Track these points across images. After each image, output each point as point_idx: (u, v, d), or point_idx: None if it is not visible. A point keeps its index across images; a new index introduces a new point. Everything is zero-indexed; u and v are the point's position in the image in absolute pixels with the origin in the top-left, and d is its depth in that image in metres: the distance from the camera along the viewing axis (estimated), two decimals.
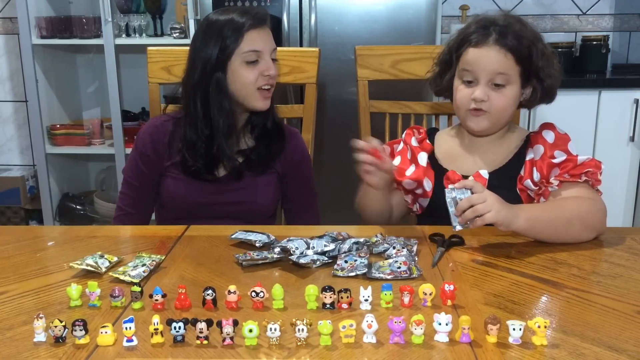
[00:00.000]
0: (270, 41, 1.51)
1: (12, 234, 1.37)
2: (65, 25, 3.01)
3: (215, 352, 0.85)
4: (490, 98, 1.34)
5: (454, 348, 0.85)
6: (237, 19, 1.46)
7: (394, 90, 1.88)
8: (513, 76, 1.35)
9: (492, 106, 1.35)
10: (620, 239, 1.27)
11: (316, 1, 2.61)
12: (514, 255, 1.18)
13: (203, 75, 1.48)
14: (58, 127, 3.14)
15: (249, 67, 1.47)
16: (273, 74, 1.50)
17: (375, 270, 1.09)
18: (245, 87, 1.48)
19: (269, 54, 1.50)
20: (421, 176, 1.42)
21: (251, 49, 1.46)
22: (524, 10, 3.25)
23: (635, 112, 2.76)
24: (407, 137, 1.50)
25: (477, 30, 1.36)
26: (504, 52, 1.33)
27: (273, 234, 1.26)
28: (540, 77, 1.36)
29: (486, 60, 1.33)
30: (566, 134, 1.38)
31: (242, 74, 1.47)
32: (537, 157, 1.35)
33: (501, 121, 1.39)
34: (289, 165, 1.59)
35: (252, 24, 1.46)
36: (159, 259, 1.15)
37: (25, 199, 3.34)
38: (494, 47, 1.33)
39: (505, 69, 1.33)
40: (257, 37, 1.47)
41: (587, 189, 1.31)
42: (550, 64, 1.37)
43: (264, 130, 1.57)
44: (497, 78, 1.34)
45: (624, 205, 2.85)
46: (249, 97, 1.49)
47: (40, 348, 0.86)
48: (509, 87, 1.35)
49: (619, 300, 0.99)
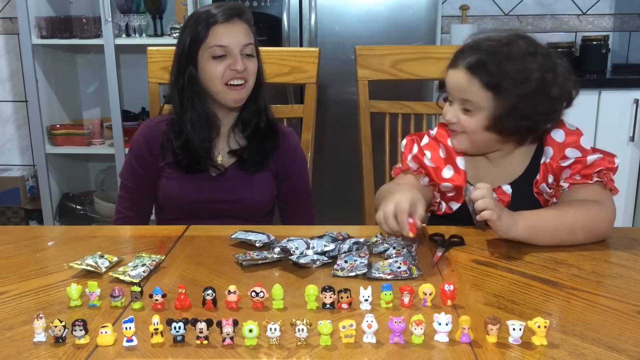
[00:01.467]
0: (240, 36, 1.48)
1: (12, 234, 1.37)
2: (65, 25, 3.01)
3: (215, 352, 0.85)
4: (460, 120, 1.29)
5: (454, 348, 0.85)
6: (209, 13, 1.47)
7: (394, 90, 1.88)
8: (481, 102, 1.24)
9: (464, 127, 1.29)
10: (620, 239, 1.26)
11: (316, 1, 2.61)
12: (514, 255, 1.18)
13: (179, 69, 1.50)
14: (58, 127, 3.14)
15: (215, 62, 1.47)
16: (240, 69, 1.47)
17: (375, 270, 1.09)
18: (213, 82, 1.48)
19: (238, 49, 1.47)
20: (463, 182, 1.34)
21: (216, 44, 1.46)
22: (524, 10, 3.25)
23: (635, 112, 2.77)
24: (441, 137, 1.38)
25: (458, 52, 1.30)
26: (470, 78, 1.24)
27: (273, 234, 1.26)
28: (516, 116, 1.23)
29: (453, 83, 1.28)
30: (577, 129, 1.31)
31: (209, 68, 1.47)
32: (547, 159, 1.30)
33: (481, 145, 1.31)
34: (282, 163, 1.59)
35: (221, 19, 1.46)
36: (159, 259, 1.15)
37: (25, 199, 3.34)
38: (461, 70, 1.26)
39: (471, 96, 1.25)
40: (223, 31, 1.46)
41: (599, 190, 1.26)
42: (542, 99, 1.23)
43: (256, 129, 1.56)
44: (465, 103, 1.27)
45: (624, 205, 2.85)
46: (218, 92, 1.49)
47: (40, 348, 0.86)
48: (479, 112, 1.26)
49: (619, 300, 0.99)
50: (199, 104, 1.50)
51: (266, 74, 1.58)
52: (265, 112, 1.57)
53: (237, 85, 1.48)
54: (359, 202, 1.84)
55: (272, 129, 1.58)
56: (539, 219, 1.22)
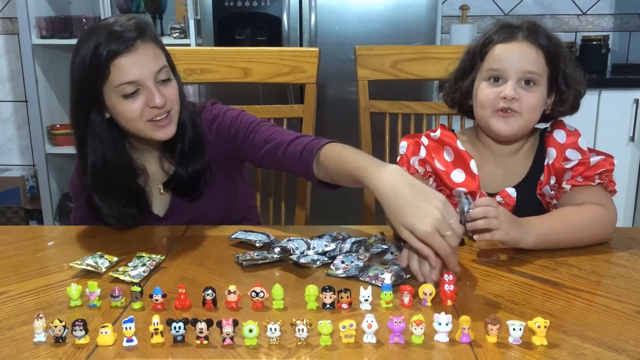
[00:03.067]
0: (149, 63, 1.24)
1: (12, 234, 1.37)
2: (65, 25, 3.01)
3: (215, 352, 0.85)
4: (521, 97, 1.24)
5: (454, 348, 0.85)
6: (105, 43, 1.21)
7: (394, 90, 1.87)
8: (542, 77, 1.26)
9: (523, 106, 1.24)
10: (621, 239, 1.26)
11: (316, 1, 2.61)
12: (514, 255, 1.18)
13: (77, 113, 1.27)
14: (58, 127, 3.14)
15: (128, 101, 1.24)
16: (159, 104, 1.24)
17: (366, 274, 1.07)
18: (131, 122, 1.26)
19: (152, 80, 1.24)
20: (477, 188, 1.29)
21: (123, 81, 1.22)
22: (524, 10, 3.25)
23: (635, 112, 2.77)
24: (448, 138, 1.35)
25: (501, 29, 1.28)
26: (535, 48, 1.24)
27: (273, 234, 1.26)
28: (569, 81, 1.28)
29: (517, 55, 1.24)
30: (576, 130, 1.32)
31: (122, 109, 1.24)
32: (550, 160, 1.29)
33: (529, 126, 1.29)
34: (223, 145, 1.39)
35: (122, 48, 1.21)
36: (159, 259, 1.15)
37: (25, 199, 3.34)
38: (524, 42, 1.25)
39: (536, 66, 1.24)
40: (128, 64, 1.21)
41: (601, 193, 1.26)
42: (576, 70, 1.30)
43: (182, 153, 1.36)
44: (528, 76, 1.24)
45: (624, 205, 2.85)
46: (140, 130, 1.28)
47: (40, 348, 0.86)
48: (538, 88, 1.25)
49: (619, 300, 0.99)
50: (103, 154, 1.28)
51: (266, 74, 1.56)
52: (186, 133, 1.35)
53: (162, 120, 1.27)
54: (359, 202, 1.84)
55: (198, 145, 1.37)
56: (548, 227, 1.19)
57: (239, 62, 1.73)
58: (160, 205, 1.42)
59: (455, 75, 1.36)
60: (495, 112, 1.26)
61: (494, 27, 1.30)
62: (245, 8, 2.68)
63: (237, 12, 2.68)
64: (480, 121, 1.32)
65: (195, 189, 1.39)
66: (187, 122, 1.36)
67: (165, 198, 1.41)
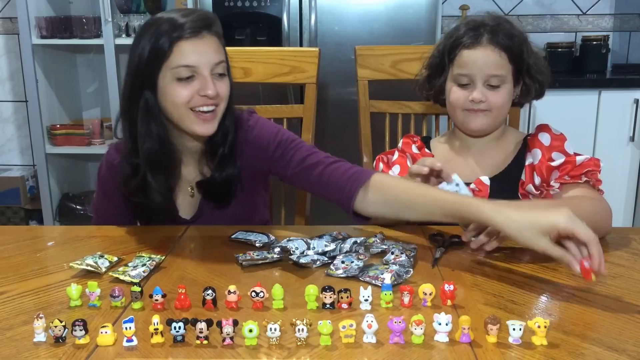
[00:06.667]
0: (211, 54, 1.25)
1: (12, 234, 1.37)
2: (65, 25, 3.01)
3: (215, 352, 0.85)
4: (487, 98, 1.36)
5: (454, 348, 0.85)
6: (173, 23, 1.23)
7: (394, 90, 1.87)
8: (507, 76, 1.37)
9: (491, 105, 1.37)
10: (621, 238, 1.27)
11: (316, 1, 2.61)
12: (514, 255, 1.18)
13: (132, 91, 1.28)
14: (58, 127, 3.14)
15: (181, 85, 1.24)
16: (211, 94, 1.24)
17: (366, 274, 1.08)
18: (177, 108, 1.26)
19: (209, 70, 1.25)
20: None
21: (182, 64, 1.23)
22: (524, 10, 3.25)
23: (635, 112, 2.77)
24: (406, 145, 1.49)
25: (467, 32, 1.38)
26: (499, 52, 1.35)
27: (273, 234, 1.26)
28: (532, 74, 1.39)
29: (481, 61, 1.35)
30: (562, 134, 1.38)
31: (173, 92, 1.25)
32: (535, 161, 1.35)
33: (499, 119, 1.41)
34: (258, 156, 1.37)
35: (188, 32, 1.22)
36: (159, 259, 1.15)
37: (25, 199, 3.34)
38: (488, 46, 1.35)
39: (500, 69, 1.35)
40: (191, 49, 1.23)
41: (589, 189, 1.31)
42: (539, 61, 1.40)
43: (222, 157, 1.35)
44: (493, 80, 1.36)
45: (624, 205, 2.85)
46: (182, 119, 1.27)
47: (40, 348, 0.86)
48: (504, 86, 1.37)
49: (619, 300, 0.99)
50: (156, 131, 1.29)
51: (266, 74, 1.56)
52: (228, 137, 1.35)
53: (207, 113, 1.27)
54: None
55: (235, 149, 1.36)
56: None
57: (239, 62, 1.73)
58: (186, 207, 1.41)
59: (428, 73, 1.48)
60: (466, 110, 1.39)
61: (462, 27, 1.40)
62: (245, 8, 2.68)
63: (237, 12, 2.68)
64: (453, 118, 1.46)
65: (227, 194, 1.38)
66: (231, 127, 1.35)
67: (194, 200, 1.41)
